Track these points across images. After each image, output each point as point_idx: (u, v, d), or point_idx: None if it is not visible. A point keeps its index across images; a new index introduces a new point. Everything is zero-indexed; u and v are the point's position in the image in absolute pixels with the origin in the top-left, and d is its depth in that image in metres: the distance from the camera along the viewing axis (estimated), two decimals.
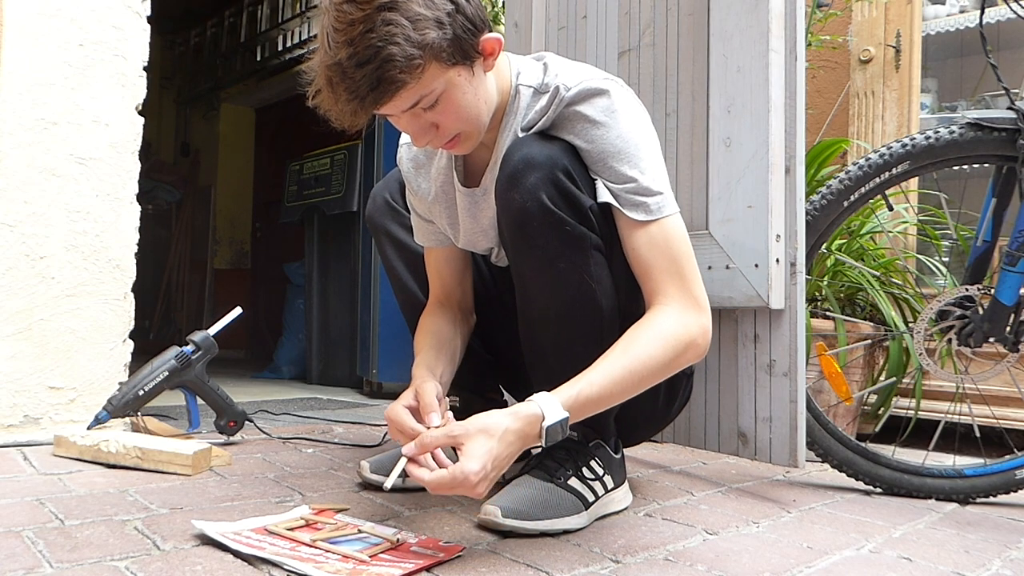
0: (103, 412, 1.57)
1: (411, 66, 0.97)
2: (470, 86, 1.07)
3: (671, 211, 1.12)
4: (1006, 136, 1.46)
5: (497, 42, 1.08)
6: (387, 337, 2.92)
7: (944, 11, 2.68)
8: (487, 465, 0.96)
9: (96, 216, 1.69)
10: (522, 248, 1.16)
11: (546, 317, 1.18)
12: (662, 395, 1.30)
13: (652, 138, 1.16)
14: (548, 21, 2.06)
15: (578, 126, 1.12)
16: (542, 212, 1.09)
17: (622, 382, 1.05)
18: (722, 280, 1.53)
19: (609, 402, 1.07)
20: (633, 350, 1.06)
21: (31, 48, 1.62)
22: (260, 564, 0.93)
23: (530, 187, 1.09)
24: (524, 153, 1.11)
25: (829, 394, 1.94)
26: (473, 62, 1.07)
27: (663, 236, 1.11)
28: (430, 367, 1.24)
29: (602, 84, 1.12)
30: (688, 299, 1.11)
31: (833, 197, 1.55)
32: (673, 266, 1.11)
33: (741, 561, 1.06)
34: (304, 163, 3.59)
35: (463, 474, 0.95)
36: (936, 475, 1.53)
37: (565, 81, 1.13)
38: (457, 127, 1.10)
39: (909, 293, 2.17)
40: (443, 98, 1.05)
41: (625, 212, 1.11)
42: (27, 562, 0.90)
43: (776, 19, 1.48)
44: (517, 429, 0.99)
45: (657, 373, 1.08)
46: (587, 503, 1.19)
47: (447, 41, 1.00)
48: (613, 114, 1.11)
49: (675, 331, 1.08)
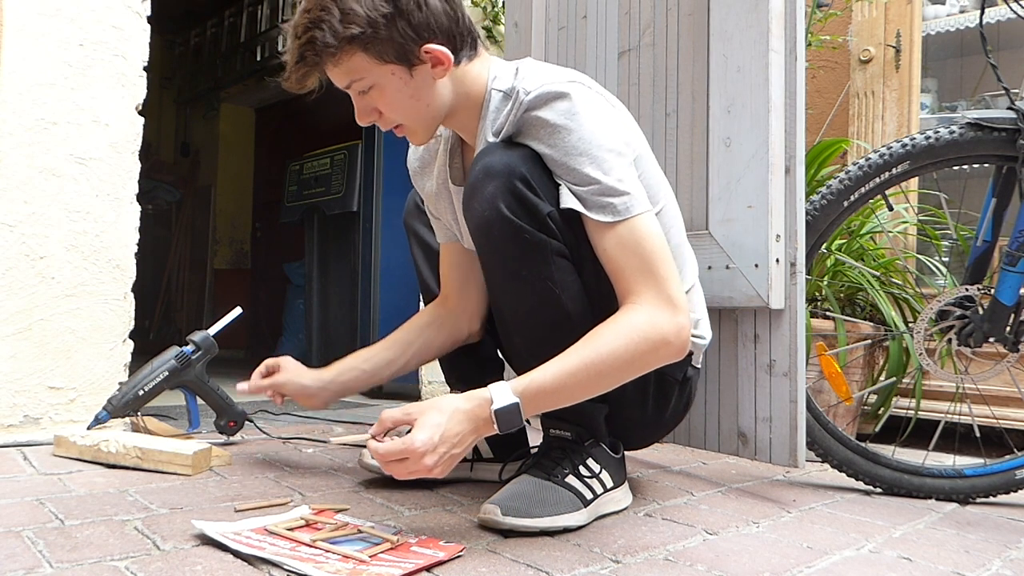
0: (103, 412, 1.56)
1: (326, 52, 1.11)
2: (406, 87, 1.15)
3: (640, 210, 1.11)
4: (1006, 136, 1.45)
5: (443, 54, 1.14)
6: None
7: (944, 11, 2.68)
8: (434, 437, 0.99)
9: (96, 216, 1.69)
10: (487, 256, 1.19)
11: (515, 320, 1.21)
12: (651, 399, 1.28)
13: (618, 138, 1.14)
14: (548, 21, 2.06)
15: (539, 131, 1.12)
16: (501, 221, 1.11)
17: (579, 373, 1.04)
18: (722, 280, 1.53)
19: (569, 393, 1.06)
20: (593, 343, 1.06)
21: (31, 48, 1.62)
22: (260, 564, 0.93)
23: (488, 196, 1.11)
24: (484, 162, 1.13)
25: (829, 394, 1.94)
26: (412, 66, 1.14)
27: (632, 237, 1.10)
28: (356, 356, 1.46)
29: (562, 87, 1.11)
30: (661, 298, 1.09)
31: (833, 197, 1.55)
32: (644, 265, 1.09)
33: (741, 561, 1.06)
34: (304, 163, 3.59)
35: (411, 442, 0.99)
36: (936, 475, 1.53)
37: (525, 85, 1.14)
38: (396, 118, 1.19)
39: (909, 293, 2.17)
40: (375, 89, 1.15)
41: (591, 215, 1.10)
42: (27, 562, 0.90)
43: (776, 19, 1.48)
44: (467, 409, 1.03)
45: (622, 368, 1.07)
46: (585, 500, 1.19)
47: (377, 40, 1.11)
48: (574, 116, 1.10)
49: (642, 327, 1.06)
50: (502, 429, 1.03)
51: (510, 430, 1.03)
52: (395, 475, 1.03)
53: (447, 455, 1.01)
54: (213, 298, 5.35)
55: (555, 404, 1.07)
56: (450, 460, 1.02)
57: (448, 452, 1.01)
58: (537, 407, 1.06)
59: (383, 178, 3.08)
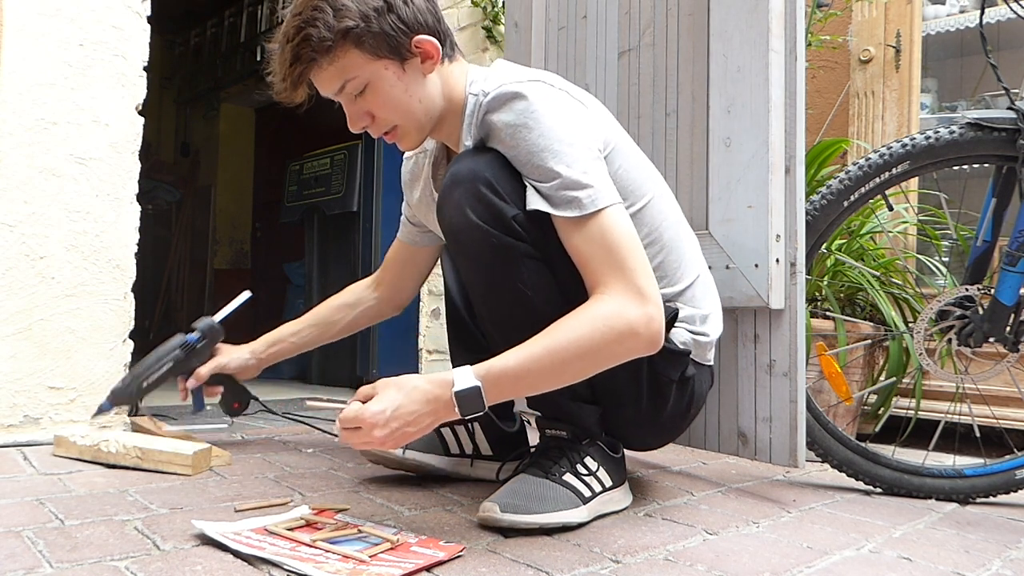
0: (106, 402, 1.55)
1: (322, 47, 1.12)
2: (399, 82, 1.17)
3: (607, 202, 1.09)
4: (1006, 136, 1.45)
5: (432, 46, 1.17)
6: (387, 337, 2.92)
7: (944, 11, 2.68)
8: (387, 410, 1.01)
9: (96, 216, 1.69)
10: (459, 260, 1.23)
11: (493, 322, 1.23)
12: (646, 398, 1.26)
13: (582, 132, 1.13)
14: (548, 21, 2.06)
15: (501, 133, 1.13)
16: (468, 227, 1.13)
17: (542, 359, 1.04)
18: (722, 280, 1.53)
19: (533, 379, 1.06)
20: (557, 330, 1.06)
21: (31, 48, 1.62)
22: (260, 564, 0.93)
23: (455, 203, 1.13)
24: (453, 170, 1.16)
25: (829, 394, 1.94)
26: (404, 60, 1.16)
27: (599, 229, 1.09)
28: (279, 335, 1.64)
29: (517, 87, 1.12)
30: (629, 288, 1.07)
31: (833, 197, 1.55)
32: (611, 258, 1.08)
33: (741, 561, 1.06)
34: (304, 163, 3.59)
35: (362, 411, 1.02)
36: (936, 475, 1.53)
37: (485, 87, 1.17)
38: (390, 119, 1.20)
39: (909, 293, 2.17)
40: (369, 87, 1.16)
41: (557, 212, 1.09)
42: (27, 562, 0.90)
43: (776, 19, 1.48)
44: (426, 389, 1.04)
45: (587, 356, 1.05)
46: (584, 498, 1.19)
47: (370, 33, 1.13)
48: (532, 114, 1.10)
49: (606, 316, 1.05)
50: (463, 412, 1.03)
51: (472, 414, 1.04)
52: (351, 444, 1.05)
53: (399, 431, 1.02)
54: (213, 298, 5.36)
55: (520, 390, 1.07)
56: (402, 436, 1.03)
57: (400, 429, 1.02)
58: (500, 392, 1.05)
59: (383, 178, 3.08)
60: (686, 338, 1.27)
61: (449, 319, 1.51)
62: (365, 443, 1.04)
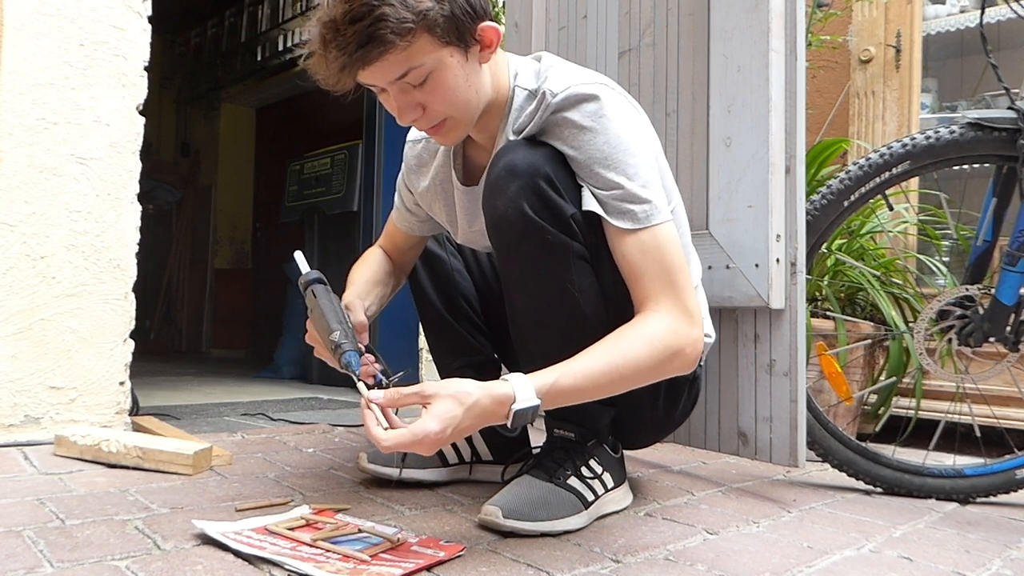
0: (350, 353, 1.10)
1: (402, 29, 0.99)
2: (462, 71, 1.09)
3: (661, 219, 1.09)
4: (1006, 136, 1.46)
5: (495, 32, 1.10)
6: (387, 337, 2.92)
7: (944, 11, 2.68)
8: (447, 430, 0.95)
9: (97, 216, 1.69)
10: (505, 255, 1.17)
11: (530, 322, 1.19)
12: (662, 402, 1.28)
13: (644, 143, 1.13)
14: (548, 21, 2.06)
15: (565, 132, 1.11)
16: (523, 221, 1.09)
17: (601, 378, 1.03)
18: (722, 280, 1.53)
19: (585, 396, 1.05)
20: (618, 348, 1.04)
21: (31, 48, 1.62)
22: (260, 564, 0.93)
23: (511, 195, 1.09)
24: (507, 160, 1.11)
25: (829, 394, 1.94)
26: (468, 47, 1.08)
27: (655, 244, 1.08)
28: (360, 296, 1.33)
29: (591, 89, 1.10)
30: (681, 309, 1.08)
31: (833, 197, 1.55)
32: (665, 275, 1.08)
33: (741, 561, 1.06)
34: (304, 163, 3.59)
35: (423, 433, 0.93)
36: (936, 475, 1.53)
37: (552, 86, 1.12)
38: (444, 111, 1.11)
39: (909, 293, 2.17)
40: (433, 76, 1.06)
41: (611, 221, 1.09)
42: (28, 562, 0.90)
43: (776, 19, 1.48)
44: (485, 405, 0.97)
45: (640, 375, 1.06)
46: (587, 502, 1.19)
47: (443, 16, 1.02)
48: (601, 119, 1.09)
49: (664, 337, 1.06)
50: (514, 426, 0.99)
51: (517, 429, 1.01)
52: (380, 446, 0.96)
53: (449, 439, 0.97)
54: (213, 298, 5.36)
55: (569, 403, 1.04)
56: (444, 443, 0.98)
57: (449, 439, 0.97)
58: (553, 405, 1.03)
59: (383, 178, 3.08)
60: None
61: (428, 322, 1.49)
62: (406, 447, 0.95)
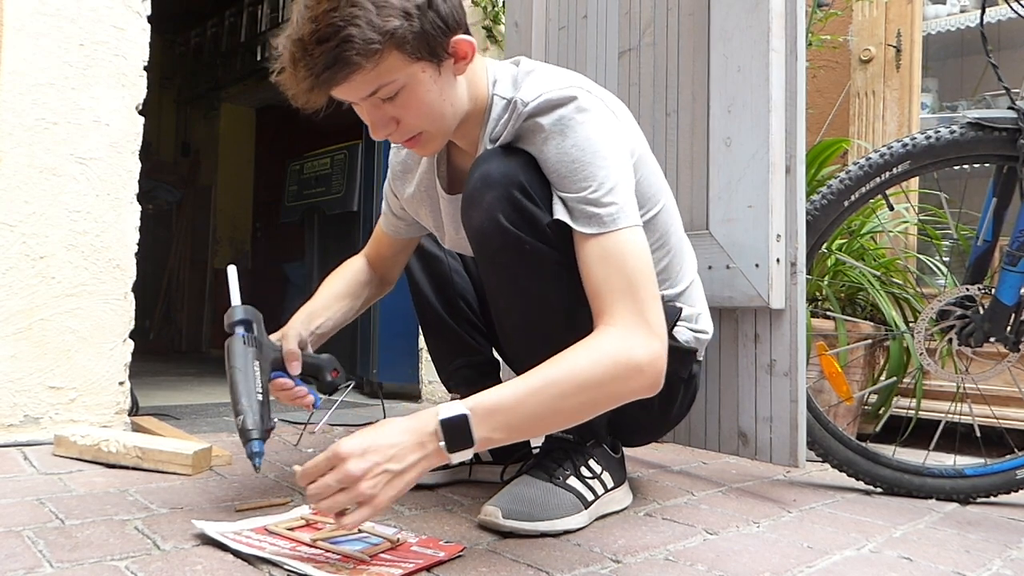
0: (256, 442, 1.10)
1: (368, 50, 0.98)
2: (435, 85, 1.07)
3: (626, 223, 1.04)
4: (1007, 136, 1.45)
5: (469, 45, 1.08)
6: (387, 337, 2.92)
7: (944, 11, 2.68)
8: (363, 443, 0.90)
9: (96, 216, 1.69)
10: (485, 265, 1.16)
11: (515, 330, 1.19)
12: (657, 400, 1.23)
13: (616, 145, 1.09)
14: (548, 21, 2.06)
15: (536, 138, 1.09)
16: (500, 232, 1.08)
17: (539, 393, 0.95)
18: (722, 280, 1.53)
19: (529, 413, 0.96)
20: (557, 363, 0.98)
21: (31, 48, 1.62)
22: (260, 564, 0.93)
23: (487, 207, 1.08)
24: (482, 171, 1.10)
25: (829, 394, 1.94)
26: (441, 61, 1.06)
27: (617, 250, 1.03)
28: (312, 313, 1.37)
29: (563, 93, 1.07)
30: (638, 322, 1.00)
31: (833, 197, 1.55)
32: (626, 286, 1.01)
33: (741, 561, 1.06)
34: (304, 163, 3.59)
35: (335, 447, 0.90)
36: (937, 475, 1.52)
37: (524, 95, 1.10)
38: (418, 125, 1.10)
39: (909, 293, 2.16)
40: (404, 91, 1.05)
41: (576, 226, 1.05)
42: (27, 562, 0.90)
43: (776, 19, 1.48)
44: (407, 420, 0.94)
45: (587, 392, 0.97)
46: (587, 502, 1.19)
47: (412, 33, 1.01)
48: (570, 122, 1.06)
49: (613, 352, 0.98)
50: (450, 445, 0.92)
51: (460, 448, 0.93)
52: (320, 504, 0.91)
53: (380, 469, 0.90)
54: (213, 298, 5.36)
55: (515, 423, 0.96)
56: (385, 476, 0.90)
57: (383, 466, 0.90)
58: (493, 425, 0.94)
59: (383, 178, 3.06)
60: (688, 336, 1.28)
61: (427, 323, 1.48)
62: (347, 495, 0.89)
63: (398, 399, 2.84)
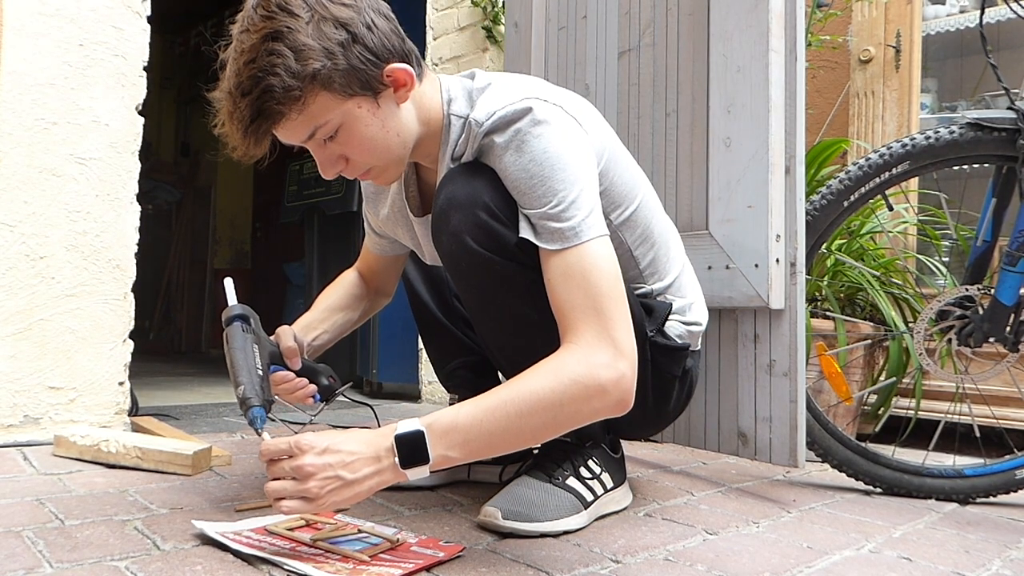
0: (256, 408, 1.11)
1: (289, 97, 0.97)
2: (374, 118, 1.05)
3: (592, 235, 1.00)
4: (1006, 136, 1.46)
5: (405, 73, 1.05)
6: (387, 337, 2.92)
7: (944, 11, 2.68)
8: (323, 442, 0.92)
9: (96, 216, 1.69)
10: (461, 286, 1.16)
11: (498, 348, 1.20)
12: (651, 397, 1.26)
13: (576, 156, 1.04)
14: (548, 21, 2.06)
15: (494, 155, 1.06)
16: (468, 255, 1.06)
17: (496, 411, 0.94)
18: (722, 280, 1.53)
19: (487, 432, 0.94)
20: (517, 382, 0.96)
21: (31, 48, 1.62)
22: (260, 564, 0.93)
23: (454, 230, 1.06)
24: (447, 192, 1.08)
25: (829, 394, 1.94)
26: (377, 94, 1.04)
27: (580, 266, 0.99)
28: (308, 325, 1.36)
29: (517, 106, 1.04)
30: (603, 341, 0.97)
31: (833, 197, 1.55)
32: (589, 302, 0.98)
33: (741, 561, 1.06)
34: (304, 163, 3.59)
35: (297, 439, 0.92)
36: (936, 475, 1.53)
37: (478, 115, 1.07)
38: (366, 160, 1.08)
39: (909, 293, 2.17)
40: (343, 130, 1.04)
41: (540, 244, 1.02)
42: (27, 562, 0.90)
43: (776, 19, 1.48)
44: (369, 433, 0.95)
45: (546, 410, 0.95)
46: (586, 503, 1.19)
47: (338, 72, 0.99)
48: (526, 137, 1.03)
49: (573, 372, 0.95)
50: (404, 461, 0.92)
51: (415, 465, 0.93)
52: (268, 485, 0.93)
53: (333, 472, 0.91)
54: (213, 298, 5.36)
55: (473, 442, 0.95)
56: (336, 481, 0.91)
57: (336, 470, 0.91)
58: (450, 443, 0.93)
59: None
60: (681, 331, 1.27)
61: (423, 324, 1.48)
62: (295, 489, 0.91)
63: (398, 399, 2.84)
